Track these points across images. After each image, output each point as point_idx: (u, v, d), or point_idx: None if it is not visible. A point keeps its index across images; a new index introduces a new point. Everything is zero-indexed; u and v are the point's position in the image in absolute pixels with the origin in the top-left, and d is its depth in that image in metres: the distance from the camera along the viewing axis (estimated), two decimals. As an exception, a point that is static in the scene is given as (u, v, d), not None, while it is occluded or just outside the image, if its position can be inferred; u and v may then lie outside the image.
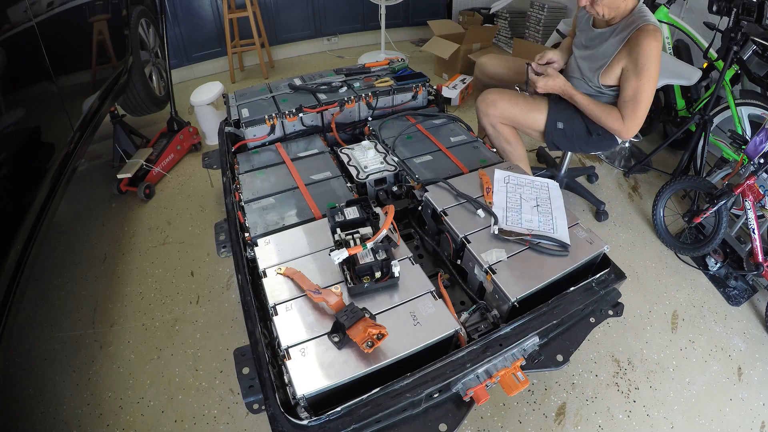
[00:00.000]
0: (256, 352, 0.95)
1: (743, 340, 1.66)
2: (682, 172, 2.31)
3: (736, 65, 2.17)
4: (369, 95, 1.79)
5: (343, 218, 1.15)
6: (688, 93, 2.57)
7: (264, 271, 1.08)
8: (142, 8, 2.41)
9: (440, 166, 1.47)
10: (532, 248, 1.14)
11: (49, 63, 1.42)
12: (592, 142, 1.71)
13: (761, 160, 1.67)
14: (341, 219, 1.14)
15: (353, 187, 1.42)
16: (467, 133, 1.68)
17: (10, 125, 1.23)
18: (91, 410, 1.38)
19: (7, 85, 1.21)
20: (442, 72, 3.68)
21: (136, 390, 1.44)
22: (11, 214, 1.19)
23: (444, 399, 0.95)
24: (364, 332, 0.86)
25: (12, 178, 1.22)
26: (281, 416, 0.83)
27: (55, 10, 1.51)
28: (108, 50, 1.98)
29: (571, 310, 1.07)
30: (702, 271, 1.95)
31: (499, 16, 4.21)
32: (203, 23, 3.53)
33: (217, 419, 1.36)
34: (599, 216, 2.20)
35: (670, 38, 2.61)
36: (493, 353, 0.96)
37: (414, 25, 4.50)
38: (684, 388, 1.49)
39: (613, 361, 1.56)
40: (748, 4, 1.97)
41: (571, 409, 1.41)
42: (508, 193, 1.31)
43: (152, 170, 2.34)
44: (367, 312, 0.92)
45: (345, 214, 1.16)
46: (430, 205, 1.29)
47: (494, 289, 1.07)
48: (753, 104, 2.10)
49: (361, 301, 1.00)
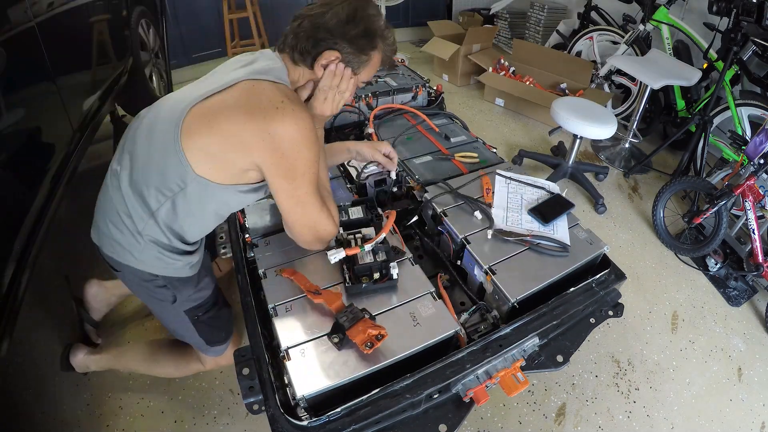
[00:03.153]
0: (256, 353, 0.95)
1: (743, 340, 1.66)
2: (682, 172, 2.32)
3: (736, 66, 2.18)
4: (369, 96, 1.79)
5: (347, 218, 1.15)
6: (688, 93, 2.57)
7: (264, 272, 1.08)
8: (142, 8, 2.41)
9: (440, 167, 1.47)
10: (532, 249, 1.14)
11: (49, 63, 1.42)
12: None
13: (761, 161, 1.67)
14: (345, 218, 1.15)
15: (353, 187, 1.42)
16: (467, 133, 1.68)
17: (11, 125, 1.23)
18: (91, 410, 1.38)
19: (8, 85, 1.21)
20: (442, 73, 3.69)
21: (136, 390, 1.44)
22: (11, 215, 1.19)
23: (444, 400, 0.95)
24: (364, 333, 0.86)
25: (12, 179, 1.22)
26: (281, 417, 0.83)
27: (56, 11, 1.51)
28: (108, 51, 1.98)
29: (571, 311, 1.06)
30: (702, 272, 1.95)
31: (499, 17, 4.21)
32: (203, 24, 3.53)
33: (217, 420, 1.36)
34: (597, 209, 2.26)
35: (670, 39, 2.62)
36: (493, 354, 0.96)
37: (414, 25, 4.50)
38: (684, 389, 1.49)
39: (613, 361, 1.56)
40: (747, 4, 1.97)
41: (571, 409, 1.41)
42: (509, 194, 1.31)
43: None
44: (366, 313, 0.92)
45: (349, 214, 1.16)
46: (429, 205, 1.29)
47: (494, 289, 1.07)
48: (753, 105, 2.10)
49: (360, 301, 1.00)
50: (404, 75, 1.97)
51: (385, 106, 1.79)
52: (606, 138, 2.37)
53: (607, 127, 2.11)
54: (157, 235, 0.95)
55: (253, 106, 0.85)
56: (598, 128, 2.10)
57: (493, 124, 3.06)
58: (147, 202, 0.92)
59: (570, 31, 3.44)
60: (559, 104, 2.24)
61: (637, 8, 2.74)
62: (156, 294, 1.07)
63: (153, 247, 0.96)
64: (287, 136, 0.85)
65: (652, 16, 2.55)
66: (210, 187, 0.91)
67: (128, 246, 0.97)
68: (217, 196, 0.94)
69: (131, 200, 0.93)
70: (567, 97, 2.36)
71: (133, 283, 1.07)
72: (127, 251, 0.98)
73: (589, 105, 2.26)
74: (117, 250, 0.99)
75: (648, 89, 2.46)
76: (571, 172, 2.38)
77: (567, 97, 2.45)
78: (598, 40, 3.09)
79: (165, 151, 0.88)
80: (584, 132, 2.13)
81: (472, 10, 4.32)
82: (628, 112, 2.95)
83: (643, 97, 2.52)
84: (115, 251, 0.99)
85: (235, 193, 0.95)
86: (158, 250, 0.97)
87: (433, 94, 1.95)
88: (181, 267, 1.02)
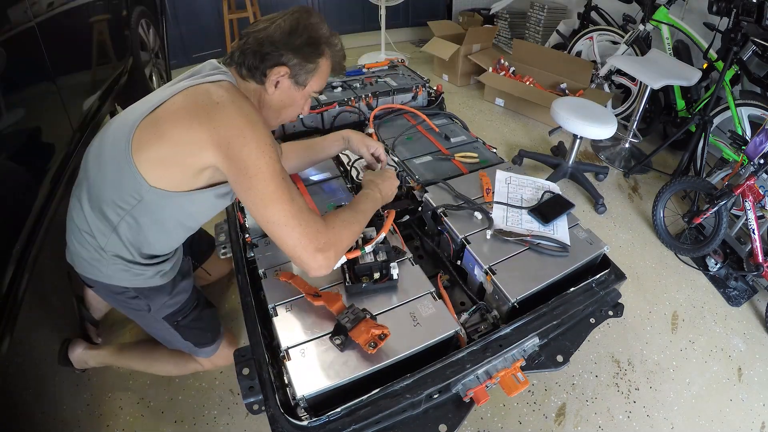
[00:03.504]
0: (256, 353, 0.95)
1: (743, 340, 1.66)
2: (682, 172, 2.32)
3: (736, 66, 2.18)
4: (369, 96, 1.79)
5: None
6: (688, 93, 2.57)
7: (264, 271, 1.08)
8: (142, 8, 2.41)
9: (440, 167, 1.47)
10: (532, 249, 1.14)
11: (49, 63, 1.42)
12: None
13: (761, 161, 1.67)
14: None
15: (353, 187, 1.42)
16: (467, 133, 1.68)
17: (10, 125, 1.23)
18: (91, 410, 1.38)
19: (8, 85, 1.21)
20: (442, 73, 3.69)
21: (136, 390, 1.44)
22: (12, 215, 1.19)
23: (444, 400, 0.95)
24: (367, 333, 0.86)
25: (12, 179, 1.22)
26: (281, 417, 0.83)
27: (56, 11, 1.51)
28: (108, 50, 1.97)
29: (571, 311, 1.07)
30: (702, 272, 1.95)
31: (499, 17, 4.21)
32: (203, 24, 3.54)
33: (217, 420, 1.36)
34: (597, 209, 2.27)
35: (670, 39, 2.62)
36: (493, 354, 0.96)
37: (414, 25, 4.51)
38: (684, 389, 1.49)
39: (613, 361, 1.56)
40: (747, 4, 1.97)
41: (571, 409, 1.41)
42: (509, 194, 1.31)
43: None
44: (367, 313, 0.92)
45: None
46: (429, 205, 1.29)
47: (494, 289, 1.07)
48: (753, 105, 2.10)
49: (360, 301, 1.00)
50: (404, 75, 1.97)
51: (385, 106, 1.79)
52: (606, 138, 2.37)
53: (607, 127, 2.10)
54: (120, 251, 0.97)
55: (195, 106, 0.85)
56: (598, 128, 2.10)
57: (493, 124, 3.06)
58: (108, 218, 0.93)
59: (570, 31, 3.44)
60: (559, 104, 2.23)
61: (637, 8, 2.74)
62: (130, 305, 1.08)
63: (117, 260, 0.98)
64: (232, 125, 0.84)
65: (652, 16, 2.55)
66: (167, 197, 0.91)
67: (94, 262, 0.99)
68: (177, 206, 0.94)
69: (92, 218, 0.95)
70: (567, 97, 2.36)
71: (107, 296, 1.09)
72: (94, 267, 1.00)
73: (589, 105, 2.25)
74: (85, 266, 1.02)
75: (648, 89, 2.46)
76: (571, 172, 2.38)
77: (567, 97, 2.44)
78: (598, 40, 3.09)
79: (118, 166, 0.89)
80: (584, 132, 2.13)
81: (472, 10, 4.32)
82: (628, 112, 2.95)
83: (643, 97, 2.52)
84: (84, 268, 1.03)
85: (196, 201, 0.95)
86: (123, 263, 0.99)
87: (433, 94, 1.95)
88: (151, 276, 1.04)
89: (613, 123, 2.12)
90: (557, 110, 2.20)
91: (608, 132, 2.11)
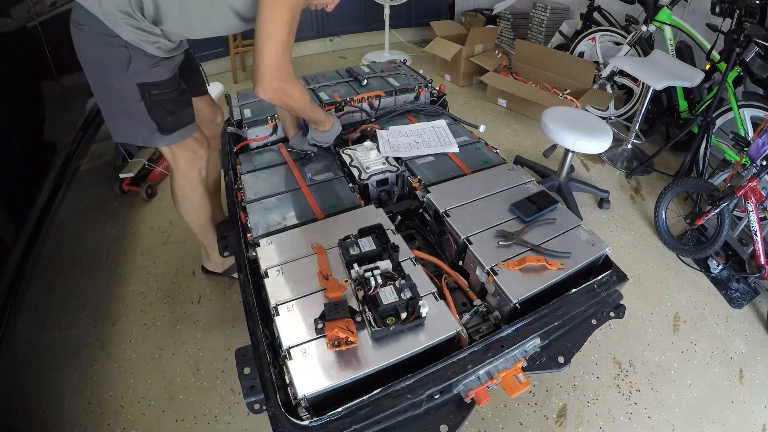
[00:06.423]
0: (257, 353, 0.95)
1: (745, 342, 1.66)
2: (685, 173, 2.31)
3: (739, 67, 2.17)
4: (371, 96, 1.79)
5: (357, 251, 1.05)
6: (691, 95, 2.57)
7: (266, 271, 1.08)
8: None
9: (442, 167, 1.47)
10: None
11: (52, 62, 1.42)
12: None
13: (764, 162, 1.67)
14: (356, 252, 1.04)
15: (355, 188, 1.42)
16: (469, 134, 1.68)
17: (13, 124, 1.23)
18: (92, 409, 1.39)
19: (11, 84, 1.21)
20: (445, 73, 3.69)
21: (137, 389, 1.44)
22: (14, 214, 1.20)
23: (445, 400, 0.95)
24: (336, 332, 0.87)
25: (15, 178, 1.23)
26: (282, 416, 0.83)
27: (58, 10, 1.51)
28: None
29: (573, 312, 1.06)
30: (704, 274, 1.95)
31: (501, 17, 4.21)
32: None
33: (218, 419, 1.37)
34: (601, 204, 2.26)
35: (673, 40, 2.61)
36: (494, 354, 0.95)
37: (417, 25, 4.51)
38: (685, 391, 1.49)
39: (615, 363, 1.56)
40: (750, 5, 1.96)
41: (572, 410, 1.41)
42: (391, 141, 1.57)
43: (154, 170, 2.34)
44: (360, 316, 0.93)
45: (360, 246, 1.06)
46: (432, 206, 1.29)
47: (496, 290, 1.07)
48: (755, 106, 2.09)
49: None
50: (407, 75, 1.97)
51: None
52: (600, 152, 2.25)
53: (601, 141, 1.95)
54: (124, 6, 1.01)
55: None
56: (592, 142, 1.94)
57: (495, 125, 3.06)
58: None
59: (572, 32, 3.44)
60: (548, 116, 2.06)
61: (640, 9, 2.73)
62: (111, 55, 1.07)
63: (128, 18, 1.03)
64: None
65: (655, 17, 2.55)
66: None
67: None
68: None
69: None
70: (558, 108, 2.19)
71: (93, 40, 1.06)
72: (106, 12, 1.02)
73: (583, 116, 2.11)
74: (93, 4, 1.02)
75: (650, 90, 2.45)
76: (561, 189, 2.24)
77: (558, 107, 2.23)
78: (600, 41, 3.09)
79: None
80: (576, 146, 1.97)
81: (475, 10, 4.32)
82: (630, 113, 2.95)
83: (645, 98, 2.52)
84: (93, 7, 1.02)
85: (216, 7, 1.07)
86: (133, 20, 1.03)
87: (435, 94, 1.95)
88: (150, 43, 1.08)
89: (609, 136, 1.98)
90: (546, 123, 2.03)
91: (602, 146, 1.96)
